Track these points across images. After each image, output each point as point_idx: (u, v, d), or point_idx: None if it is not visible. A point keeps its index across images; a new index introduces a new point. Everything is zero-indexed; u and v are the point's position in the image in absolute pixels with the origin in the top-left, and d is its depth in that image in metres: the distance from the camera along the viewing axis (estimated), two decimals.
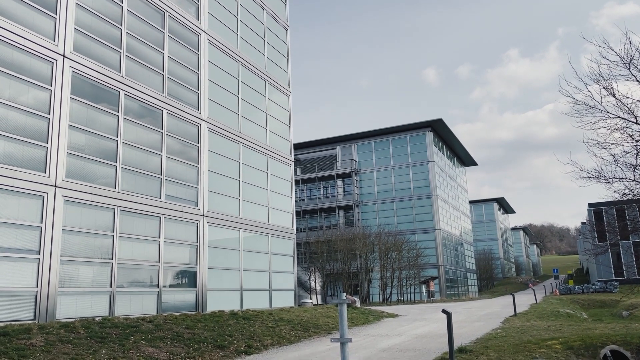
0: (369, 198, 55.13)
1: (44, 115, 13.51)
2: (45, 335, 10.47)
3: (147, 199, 16.46)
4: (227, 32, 22.31)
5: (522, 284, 78.87)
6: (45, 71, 13.75)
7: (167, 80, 18.25)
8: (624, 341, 12.83)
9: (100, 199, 14.71)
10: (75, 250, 13.86)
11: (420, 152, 53.46)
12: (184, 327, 13.50)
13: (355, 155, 56.27)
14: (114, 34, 16.28)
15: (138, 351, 10.63)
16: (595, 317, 29.73)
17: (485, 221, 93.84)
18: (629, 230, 17.38)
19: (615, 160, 13.18)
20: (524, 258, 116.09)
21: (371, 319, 21.88)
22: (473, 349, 11.75)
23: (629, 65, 12.20)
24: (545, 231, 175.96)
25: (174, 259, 17.36)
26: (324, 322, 18.53)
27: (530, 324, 18.19)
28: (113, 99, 15.86)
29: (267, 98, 24.88)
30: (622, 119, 12.78)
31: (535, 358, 10.52)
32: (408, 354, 11.81)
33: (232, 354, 12.04)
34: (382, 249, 45.80)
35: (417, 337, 15.32)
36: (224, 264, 20.04)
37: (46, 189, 13.20)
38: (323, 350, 12.72)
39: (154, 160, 17.14)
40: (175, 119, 18.35)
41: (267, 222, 23.25)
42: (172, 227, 17.37)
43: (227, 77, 21.91)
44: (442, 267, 51.48)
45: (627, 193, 13.51)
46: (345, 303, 6.06)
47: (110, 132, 15.54)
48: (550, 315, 23.88)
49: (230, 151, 21.35)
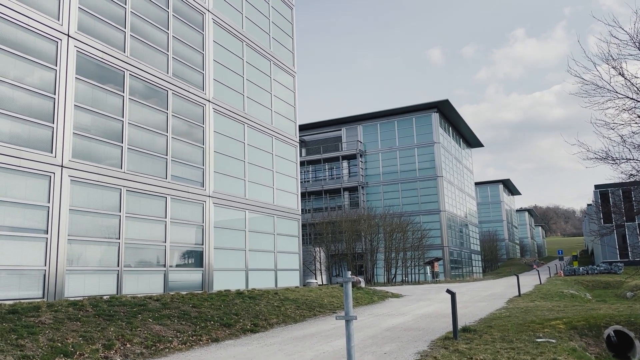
0: (374, 179, 55.11)
1: (50, 96, 13.52)
2: (54, 313, 10.62)
3: (153, 179, 16.52)
4: (231, 12, 22.12)
5: (526, 265, 79.09)
6: (50, 51, 13.71)
7: (172, 60, 18.17)
8: (628, 321, 12.89)
9: (106, 179, 14.78)
10: (82, 230, 13.98)
11: (426, 133, 53.22)
12: (191, 306, 13.67)
13: (360, 137, 56.10)
14: (119, 14, 16.17)
15: (145, 329, 10.79)
16: (600, 298, 29.81)
17: (491, 203, 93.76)
18: (634, 212, 17.32)
19: (623, 141, 13.07)
20: (528, 239, 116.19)
21: (375, 299, 22.05)
22: (477, 328, 11.84)
23: (638, 45, 12.03)
24: (551, 213, 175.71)
25: (180, 239, 17.49)
26: (328, 302, 18.70)
27: (534, 304, 18.29)
28: (118, 79, 15.83)
29: (272, 78, 24.76)
30: (631, 99, 12.65)
31: (539, 338, 10.60)
32: (412, 332, 11.92)
33: (238, 332, 12.20)
34: (387, 230, 45.93)
35: (421, 316, 15.45)
36: (230, 244, 20.18)
37: (53, 169, 13.27)
38: (328, 329, 12.86)
39: (160, 140, 17.15)
40: (181, 99, 18.31)
41: (273, 203, 23.33)
42: (178, 207, 17.46)
43: (232, 57, 21.78)
44: (446, 248, 51.64)
45: (634, 174, 13.44)
46: (351, 281, 6.10)
47: (115, 112, 15.54)
48: (555, 295, 23.98)
49: (235, 132, 21.34)
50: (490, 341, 10.09)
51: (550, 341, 10.23)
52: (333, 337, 11.53)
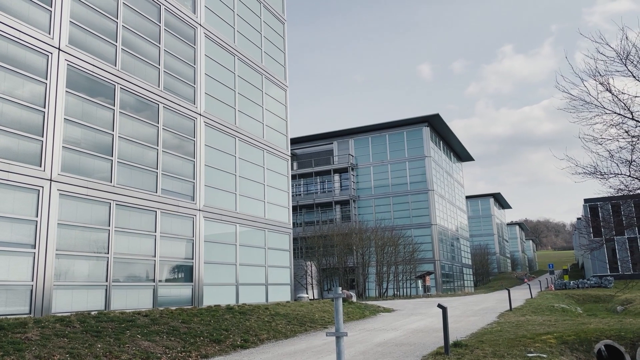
0: (365, 193, 55.16)
1: (40, 109, 13.45)
2: (40, 329, 10.46)
3: (143, 193, 16.42)
4: (223, 26, 22.22)
5: (517, 279, 79.16)
6: (40, 64, 13.67)
7: (163, 74, 18.18)
8: (618, 336, 12.91)
9: (96, 192, 14.67)
10: (71, 244, 13.83)
11: (417, 147, 53.49)
12: (180, 322, 13.51)
13: (352, 150, 56.25)
14: (110, 27, 16.19)
15: (134, 345, 10.64)
16: (590, 312, 29.88)
17: (482, 216, 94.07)
18: (624, 226, 17.42)
19: (611, 155, 13.20)
20: (519, 253, 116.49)
21: (367, 314, 21.95)
22: (468, 343, 11.80)
23: (625, 61, 12.20)
24: (541, 226, 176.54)
25: (170, 253, 17.35)
26: (320, 317, 18.57)
27: (525, 318, 18.28)
28: (109, 92, 15.79)
29: (264, 92, 24.82)
30: (618, 115, 12.80)
31: (530, 353, 10.58)
32: (404, 348, 11.85)
33: (228, 348, 12.06)
34: (379, 244, 45.86)
35: (412, 331, 15.38)
36: (220, 258, 20.04)
37: (41, 182, 13.15)
38: (319, 345, 12.75)
39: (150, 154, 17.09)
40: (172, 112, 18.29)
41: (264, 217, 23.25)
42: (168, 221, 17.35)
43: (223, 71, 21.84)
44: (438, 262, 51.62)
45: (622, 189, 13.54)
46: (341, 297, 6.07)
47: (106, 126, 15.47)
48: (545, 310, 24.00)
49: (226, 145, 21.31)
50: (481, 356, 10.05)
51: (542, 356, 10.21)
52: (324, 352, 11.43)
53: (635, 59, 12.09)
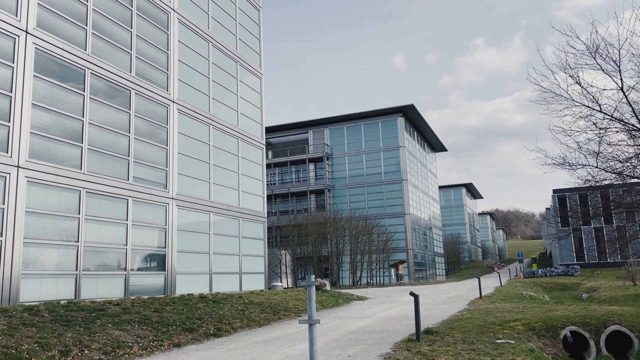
0: (340, 182, 55.36)
1: (6, 94, 13.05)
2: (8, 319, 10.24)
3: (115, 180, 16.14)
4: (197, 12, 21.86)
5: (488, 267, 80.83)
6: (7, 48, 13.25)
7: (135, 59, 17.82)
8: (583, 322, 13.32)
9: (65, 180, 14.35)
10: (39, 233, 13.53)
11: (392, 137, 53.84)
12: (152, 311, 13.39)
13: (327, 140, 56.28)
14: (80, 11, 15.76)
15: (104, 334, 10.51)
16: (557, 299, 30.75)
17: (454, 206, 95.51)
18: (590, 216, 17.92)
19: (579, 147, 13.53)
20: (490, 242, 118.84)
21: (341, 302, 22.12)
22: (439, 330, 12.02)
23: (594, 55, 12.48)
24: (511, 216, 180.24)
25: (142, 242, 17.14)
26: (293, 305, 18.64)
27: (494, 306, 18.69)
28: (79, 77, 15.41)
29: (239, 80, 24.58)
30: (586, 107, 13.11)
31: (498, 339, 10.84)
32: (376, 335, 12.00)
33: (201, 336, 12.02)
34: (353, 233, 46.20)
35: (385, 319, 15.58)
36: (194, 247, 19.89)
37: (8, 169, 12.80)
38: (292, 333, 12.81)
39: (122, 141, 16.78)
40: (144, 99, 17.97)
41: (238, 206, 23.13)
42: (140, 209, 17.11)
43: (197, 57, 21.52)
44: (411, 250, 52.28)
45: (589, 179, 13.91)
46: (314, 285, 6.10)
47: (75, 112, 15.12)
48: (514, 297, 24.58)
49: (200, 133, 21.07)
50: (452, 343, 10.25)
51: (510, 342, 10.48)
52: (297, 340, 11.50)
53: (604, 53, 12.37)
